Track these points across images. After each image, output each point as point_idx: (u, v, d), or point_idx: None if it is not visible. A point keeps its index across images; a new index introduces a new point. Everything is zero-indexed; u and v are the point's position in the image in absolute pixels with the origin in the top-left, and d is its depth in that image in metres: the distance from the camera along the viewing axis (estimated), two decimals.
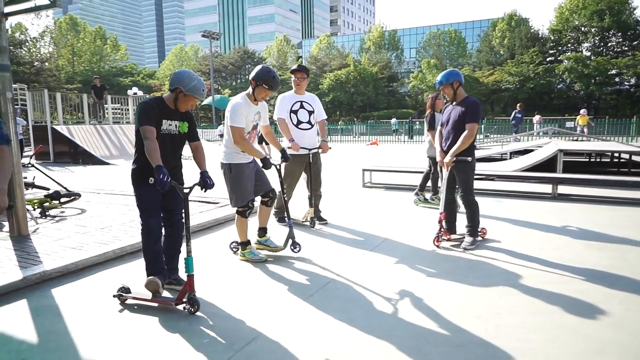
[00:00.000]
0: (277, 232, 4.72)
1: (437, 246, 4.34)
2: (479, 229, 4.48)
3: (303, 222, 5.21)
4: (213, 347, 2.54)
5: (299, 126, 5.12)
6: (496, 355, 2.40)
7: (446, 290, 3.32)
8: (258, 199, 4.14)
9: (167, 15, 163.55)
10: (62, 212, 5.98)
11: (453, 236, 4.47)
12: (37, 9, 4.87)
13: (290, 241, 4.20)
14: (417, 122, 30.21)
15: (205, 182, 3.16)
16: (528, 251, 4.17)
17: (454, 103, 4.37)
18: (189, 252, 2.96)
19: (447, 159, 4.23)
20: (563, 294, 3.19)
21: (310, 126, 5.19)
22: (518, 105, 22.29)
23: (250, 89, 3.90)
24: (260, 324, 2.80)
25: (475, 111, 4.19)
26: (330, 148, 5.26)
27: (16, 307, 3.13)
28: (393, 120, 31.87)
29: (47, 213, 5.75)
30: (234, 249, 4.26)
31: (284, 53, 68.86)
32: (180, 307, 2.97)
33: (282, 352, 2.48)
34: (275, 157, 4.38)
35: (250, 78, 3.90)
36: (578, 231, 4.87)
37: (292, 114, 5.11)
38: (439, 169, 4.58)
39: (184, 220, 3.07)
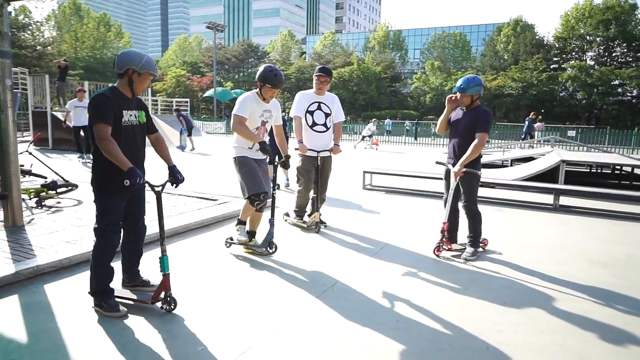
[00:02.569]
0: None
1: (437, 256, 4.28)
2: (481, 240, 4.42)
3: (308, 227, 5.10)
4: (207, 354, 2.47)
5: (314, 128, 5.00)
6: None
7: (447, 303, 3.26)
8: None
9: (172, 5, 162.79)
10: (59, 202, 5.90)
11: (454, 246, 4.40)
12: None
13: (267, 241, 4.16)
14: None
15: (176, 178, 3.01)
16: (530, 265, 4.11)
17: (465, 109, 4.27)
18: (163, 251, 2.90)
19: (456, 168, 4.14)
20: (566, 313, 3.13)
21: (325, 129, 5.03)
22: (532, 113, 22.16)
23: (258, 89, 3.99)
24: (257, 332, 2.73)
25: (487, 121, 4.10)
26: (341, 151, 5.11)
27: (7, 303, 3.05)
28: (387, 121, 31.92)
29: (43, 203, 5.67)
30: (228, 244, 4.30)
31: (288, 48, 68.72)
32: (158, 305, 2.95)
33: None
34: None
35: (256, 79, 3.96)
36: (580, 245, 4.81)
37: (307, 114, 4.99)
38: (444, 175, 4.49)
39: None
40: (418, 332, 2.80)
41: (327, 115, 5.07)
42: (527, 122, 20.70)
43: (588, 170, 12.12)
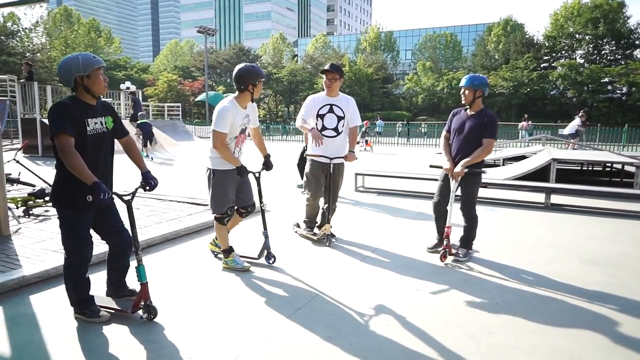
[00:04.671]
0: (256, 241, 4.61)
1: (444, 262, 4.15)
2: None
3: (318, 239, 4.77)
4: None
5: (323, 132, 4.58)
6: None
7: (439, 305, 3.24)
8: None
9: (163, 10, 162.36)
10: (46, 211, 5.82)
11: (453, 250, 4.34)
12: (25, 2, 4.70)
13: (265, 252, 4.06)
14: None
15: (149, 183, 2.92)
16: (521, 264, 4.11)
17: (470, 113, 4.18)
18: (139, 260, 2.85)
19: (458, 168, 4.04)
20: (557, 313, 3.13)
21: (335, 134, 4.60)
22: (581, 112, 20.69)
23: (237, 93, 3.73)
24: (245, 340, 2.70)
25: (495, 126, 4.07)
26: (356, 159, 4.74)
27: None
28: (378, 122, 31.98)
29: (30, 212, 5.59)
30: (214, 252, 4.24)
31: (280, 51, 68.71)
32: (139, 313, 2.90)
33: None
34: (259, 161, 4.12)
35: (244, 85, 3.65)
36: (571, 244, 4.82)
37: (317, 118, 4.59)
38: (441, 177, 4.37)
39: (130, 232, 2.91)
40: (409, 335, 2.78)
41: (339, 118, 4.60)
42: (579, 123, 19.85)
43: (579, 168, 12.19)
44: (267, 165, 4.03)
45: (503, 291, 3.51)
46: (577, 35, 46.67)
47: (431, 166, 4.54)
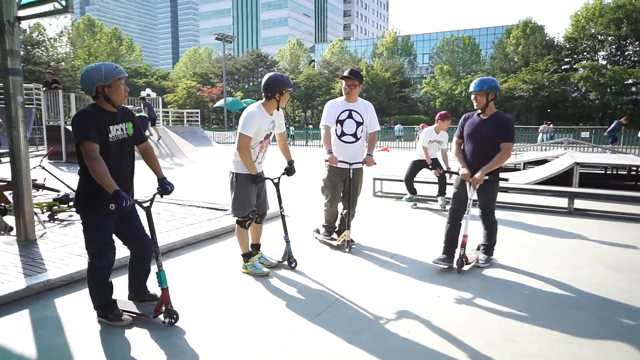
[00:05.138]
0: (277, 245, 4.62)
1: (459, 272, 4.01)
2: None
3: (338, 245, 4.75)
4: None
5: (342, 138, 4.62)
6: None
7: (460, 312, 3.19)
8: None
9: (182, 18, 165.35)
10: (71, 215, 5.96)
11: (470, 258, 4.25)
12: (50, 13, 4.85)
13: (287, 256, 4.12)
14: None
15: (165, 189, 2.96)
16: (544, 271, 4.02)
17: (483, 116, 4.07)
18: (159, 266, 2.90)
19: (479, 175, 3.93)
20: (582, 320, 3.05)
21: (354, 139, 4.62)
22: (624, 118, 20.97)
23: (264, 100, 3.81)
24: (265, 345, 2.71)
25: (512, 130, 4.00)
26: (375, 163, 4.59)
27: (18, 317, 3.07)
28: (397, 127, 31.95)
29: (55, 217, 5.73)
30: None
31: (297, 57, 69.13)
32: (160, 317, 2.94)
33: None
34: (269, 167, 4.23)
35: (271, 93, 3.74)
36: (595, 250, 4.70)
37: (337, 124, 4.62)
38: (457, 184, 4.26)
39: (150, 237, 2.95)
40: (430, 342, 2.74)
41: (358, 124, 4.62)
42: (614, 125, 19.56)
43: (603, 172, 11.90)
44: (290, 171, 4.09)
45: (525, 298, 3.44)
46: (599, 37, 45.74)
47: (445, 171, 4.46)
